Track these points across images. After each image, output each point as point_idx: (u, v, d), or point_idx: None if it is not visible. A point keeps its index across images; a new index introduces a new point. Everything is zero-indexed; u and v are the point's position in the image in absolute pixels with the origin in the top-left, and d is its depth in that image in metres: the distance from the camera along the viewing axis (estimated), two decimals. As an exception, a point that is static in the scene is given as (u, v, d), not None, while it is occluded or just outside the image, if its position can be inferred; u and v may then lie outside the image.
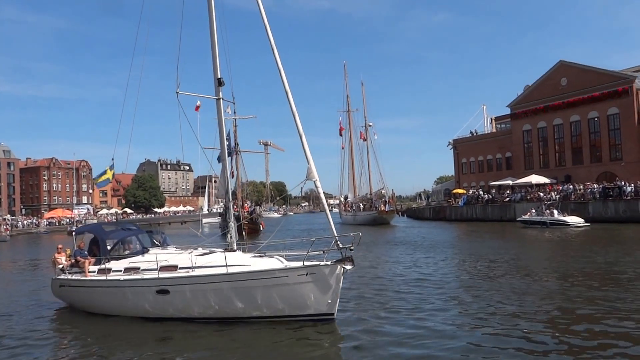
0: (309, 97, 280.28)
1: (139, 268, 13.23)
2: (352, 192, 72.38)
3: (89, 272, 14.01)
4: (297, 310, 11.63)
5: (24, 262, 31.09)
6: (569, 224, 38.90)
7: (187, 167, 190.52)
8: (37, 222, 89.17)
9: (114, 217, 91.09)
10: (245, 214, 46.46)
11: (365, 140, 68.85)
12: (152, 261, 13.00)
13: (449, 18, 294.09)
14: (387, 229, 49.36)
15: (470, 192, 61.88)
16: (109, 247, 14.40)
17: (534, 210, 43.24)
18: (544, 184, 53.79)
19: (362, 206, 65.21)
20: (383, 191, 63.11)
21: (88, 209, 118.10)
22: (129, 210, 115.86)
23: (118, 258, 14.06)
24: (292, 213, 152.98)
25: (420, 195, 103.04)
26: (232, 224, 14.03)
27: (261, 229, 49.17)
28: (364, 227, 47.40)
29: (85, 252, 14.72)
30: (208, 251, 13.89)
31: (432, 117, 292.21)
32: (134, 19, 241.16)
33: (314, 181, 12.53)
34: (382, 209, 59.22)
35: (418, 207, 79.85)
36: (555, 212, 40.96)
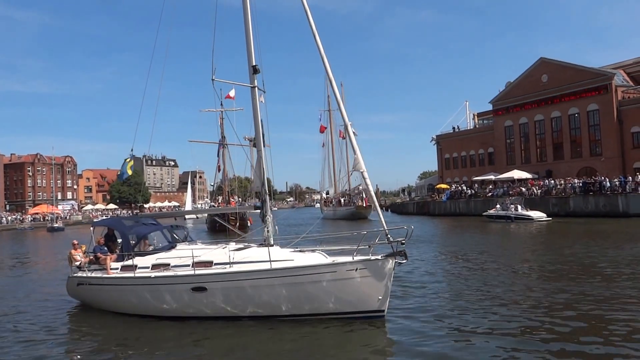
0: (293, 94, 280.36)
1: (168, 264, 12.47)
2: (332, 188, 74.58)
3: (111, 269, 13.30)
4: (346, 307, 11.05)
5: (14, 259, 30.72)
6: (532, 219, 40.76)
7: (172, 163, 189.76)
8: (21, 218, 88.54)
9: (130, 212, 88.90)
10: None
11: (344, 138, 71.64)
12: (183, 257, 12.36)
13: (432, 15, 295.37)
14: (365, 224, 50.17)
15: (454, 187, 62.68)
16: (132, 243, 13.72)
17: (498, 206, 45.00)
18: (526, 179, 54.78)
19: (342, 201, 67.13)
20: (361, 187, 65.41)
21: (72, 205, 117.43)
22: (113, 206, 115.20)
23: (143, 254, 13.38)
24: (276, 208, 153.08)
25: (403, 190, 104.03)
26: (269, 217, 13.35)
27: (249, 224, 48.78)
28: (343, 222, 48.32)
29: (105, 249, 13.94)
30: (243, 246, 13.25)
31: (415, 113, 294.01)
32: (123, 15, 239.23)
33: (362, 172, 12.05)
34: (360, 204, 61.50)
35: (402, 202, 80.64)
36: (519, 207, 42.68)
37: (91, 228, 15.51)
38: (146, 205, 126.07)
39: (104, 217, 65.90)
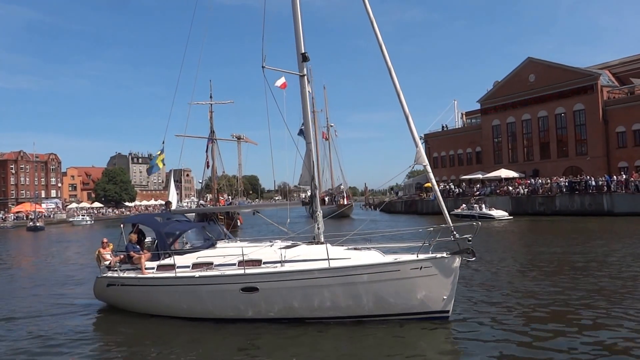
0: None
1: (211, 263, 11.83)
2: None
3: (146, 268, 12.53)
4: (409, 307, 10.58)
5: (8, 260, 30.02)
6: (494, 217, 42.74)
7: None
8: (4, 217, 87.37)
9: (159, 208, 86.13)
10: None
11: (327, 139, 75.52)
12: (227, 255, 11.82)
13: (420, 14, 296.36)
14: (347, 222, 50.73)
15: (442, 186, 62.94)
16: (169, 241, 12.99)
17: (464, 205, 46.67)
18: (513, 178, 55.14)
19: (325, 200, 68.89)
20: (342, 187, 69.08)
21: (57, 203, 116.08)
22: (99, 204, 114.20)
23: (181, 252, 12.74)
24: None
25: (391, 189, 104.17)
26: (320, 214, 12.88)
27: (239, 224, 47.73)
28: (325, 220, 48.56)
29: (138, 247, 13.14)
30: (290, 244, 12.66)
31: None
32: (111, 11, 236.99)
33: (424, 165, 11.56)
34: (341, 202, 64.34)
35: (390, 200, 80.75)
36: (484, 206, 44.57)
37: (121, 225, 14.47)
38: (131, 204, 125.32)
39: (137, 214, 63.24)
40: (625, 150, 50.19)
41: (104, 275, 13.27)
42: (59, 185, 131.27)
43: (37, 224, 69.39)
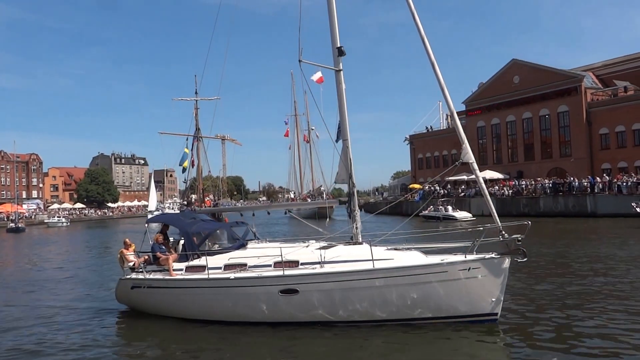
0: (268, 89, 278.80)
1: (245, 264, 11.39)
2: (298, 188, 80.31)
3: (173, 270, 12.03)
4: (456, 310, 10.27)
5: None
6: (457, 218, 43.84)
7: (142, 161, 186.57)
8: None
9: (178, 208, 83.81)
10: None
11: (308, 142, 77.07)
12: (261, 256, 11.40)
13: (405, 15, 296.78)
14: (328, 223, 50.77)
15: (426, 187, 63.00)
16: (197, 241, 12.50)
17: (432, 207, 47.54)
18: (497, 179, 55.32)
19: (308, 201, 70.38)
20: (322, 188, 70.34)
21: (38, 204, 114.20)
22: (81, 205, 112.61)
23: (212, 253, 12.25)
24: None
25: (376, 190, 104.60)
26: (357, 213, 12.56)
27: None
28: (308, 220, 48.32)
29: (164, 248, 12.63)
30: (327, 244, 12.23)
31: (389, 113, 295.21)
32: (91, 8, 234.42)
33: (471, 163, 11.34)
34: None
35: (375, 201, 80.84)
36: (450, 208, 46.04)
37: (145, 225, 13.84)
38: (114, 205, 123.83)
39: (159, 213, 60.87)
40: (608, 152, 50.63)
41: (128, 277, 12.67)
42: (41, 185, 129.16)
43: (19, 225, 67.94)
